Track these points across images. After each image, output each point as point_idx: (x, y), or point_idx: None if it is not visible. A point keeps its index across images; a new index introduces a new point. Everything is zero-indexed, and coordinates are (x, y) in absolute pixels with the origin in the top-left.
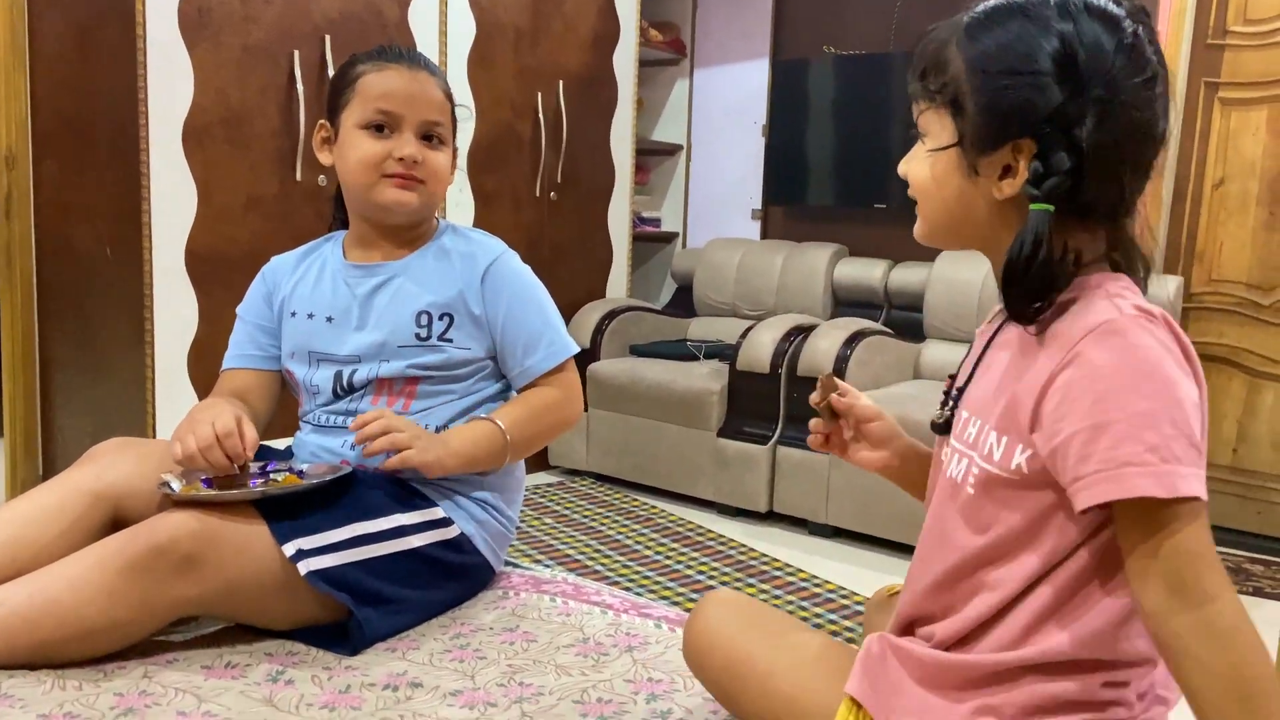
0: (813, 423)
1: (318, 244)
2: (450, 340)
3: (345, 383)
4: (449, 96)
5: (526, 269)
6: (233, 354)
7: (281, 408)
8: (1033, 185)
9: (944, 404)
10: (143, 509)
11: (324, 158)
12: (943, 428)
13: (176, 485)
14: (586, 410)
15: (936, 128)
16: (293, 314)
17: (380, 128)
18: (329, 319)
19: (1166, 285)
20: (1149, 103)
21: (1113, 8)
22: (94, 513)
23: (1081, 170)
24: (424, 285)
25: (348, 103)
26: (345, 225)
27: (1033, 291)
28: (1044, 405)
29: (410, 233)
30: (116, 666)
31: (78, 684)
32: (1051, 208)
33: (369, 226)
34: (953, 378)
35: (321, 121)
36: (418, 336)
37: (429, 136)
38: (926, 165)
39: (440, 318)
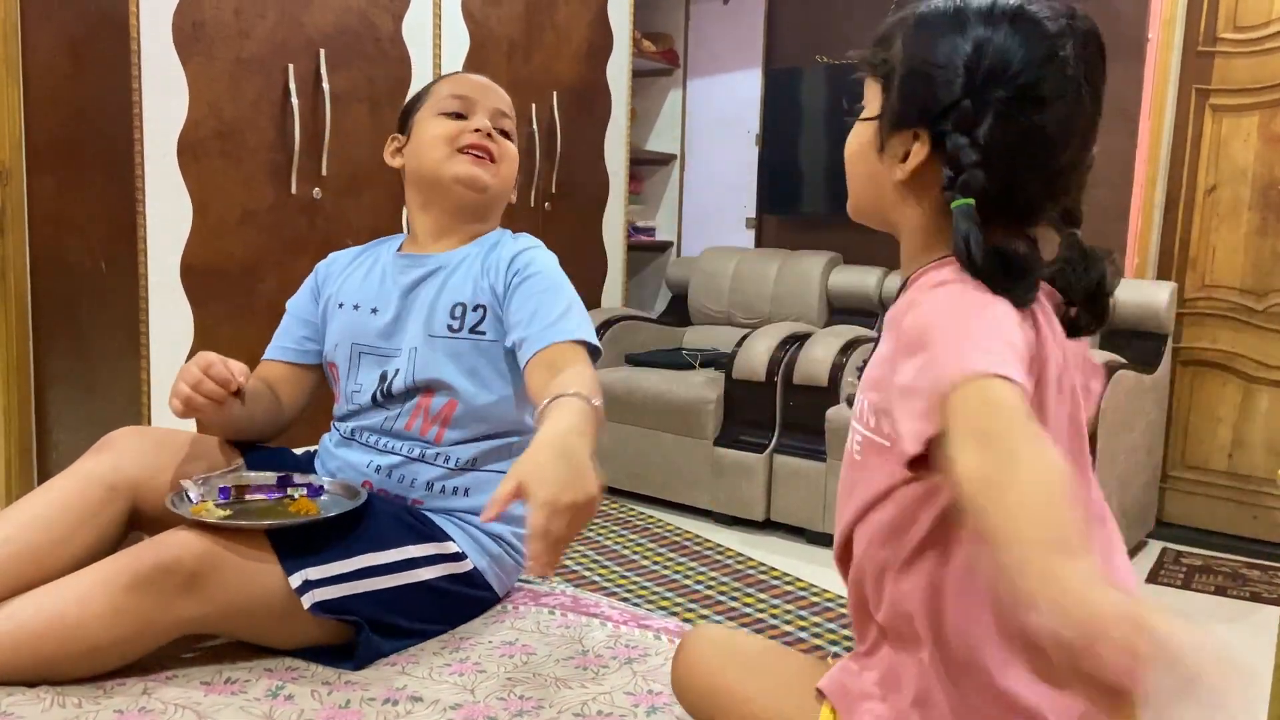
0: None
1: (377, 242)
2: (483, 333)
3: (387, 387)
4: (513, 109)
5: (554, 262)
6: (273, 345)
7: (306, 419)
8: (950, 179)
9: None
10: (159, 501)
11: (394, 160)
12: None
13: (195, 494)
14: None
15: (870, 99)
16: (340, 305)
17: (456, 115)
18: (374, 310)
19: (1160, 291)
20: (1057, 118)
21: (1046, 24)
22: (111, 505)
23: (988, 169)
24: (465, 278)
25: (421, 105)
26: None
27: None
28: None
29: (472, 223)
30: (116, 683)
31: (77, 701)
32: (971, 201)
33: (432, 217)
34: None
35: (393, 135)
36: (450, 328)
37: (499, 130)
38: (851, 139)
39: (475, 309)
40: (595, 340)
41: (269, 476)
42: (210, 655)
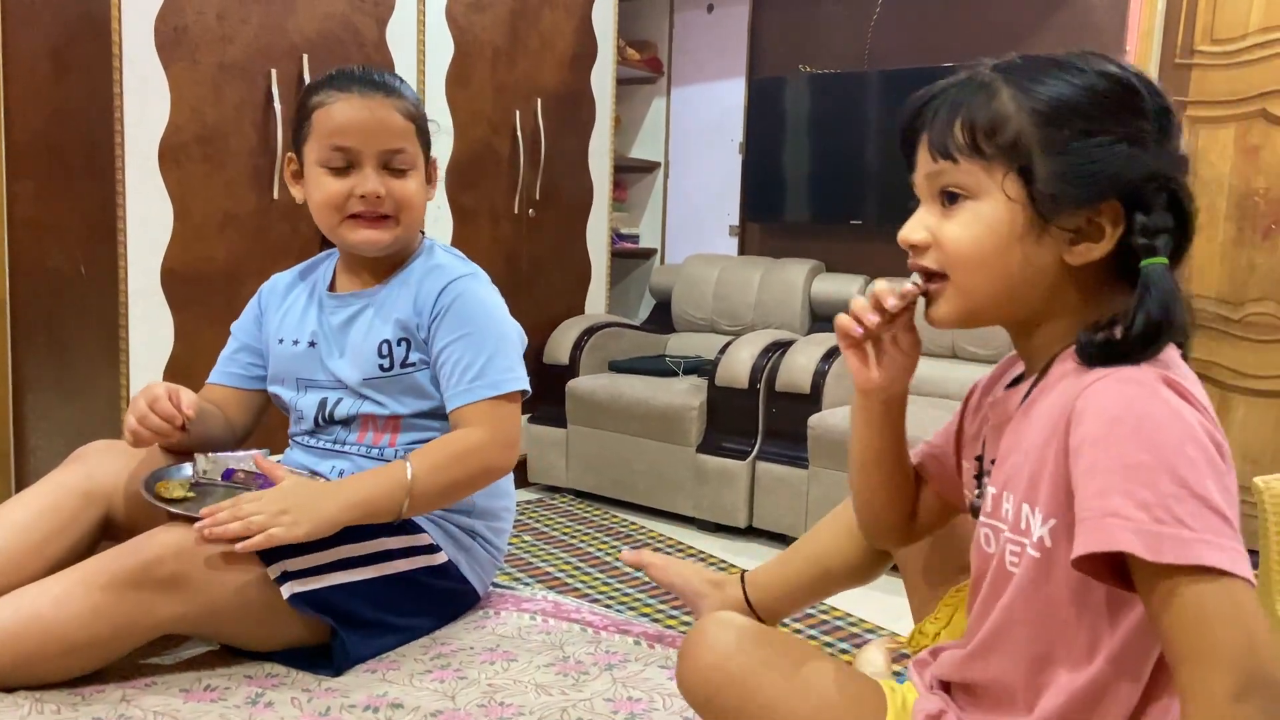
0: (862, 307)
1: (314, 263)
2: (413, 364)
3: (328, 413)
4: (413, 114)
5: (488, 296)
6: (217, 369)
7: (275, 427)
8: (1145, 240)
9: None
10: (132, 510)
11: (297, 193)
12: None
13: (199, 468)
14: (565, 426)
15: (983, 185)
16: (280, 340)
17: (342, 168)
18: (311, 344)
19: None
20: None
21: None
22: (85, 513)
23: (1184, 226)
24: (388, 314)
25: (307, 137)
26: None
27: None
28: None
29: (391, 260)
30: (95, 690)
31: (55, 708)
32: (1166, 261)
33: (344, 258)
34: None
35: (289, 154)
36: (381, 368)
37: (393, 171)
38: (971, 230)
39: (399, 343)
40: (510, 385)
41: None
42: (190, 663)
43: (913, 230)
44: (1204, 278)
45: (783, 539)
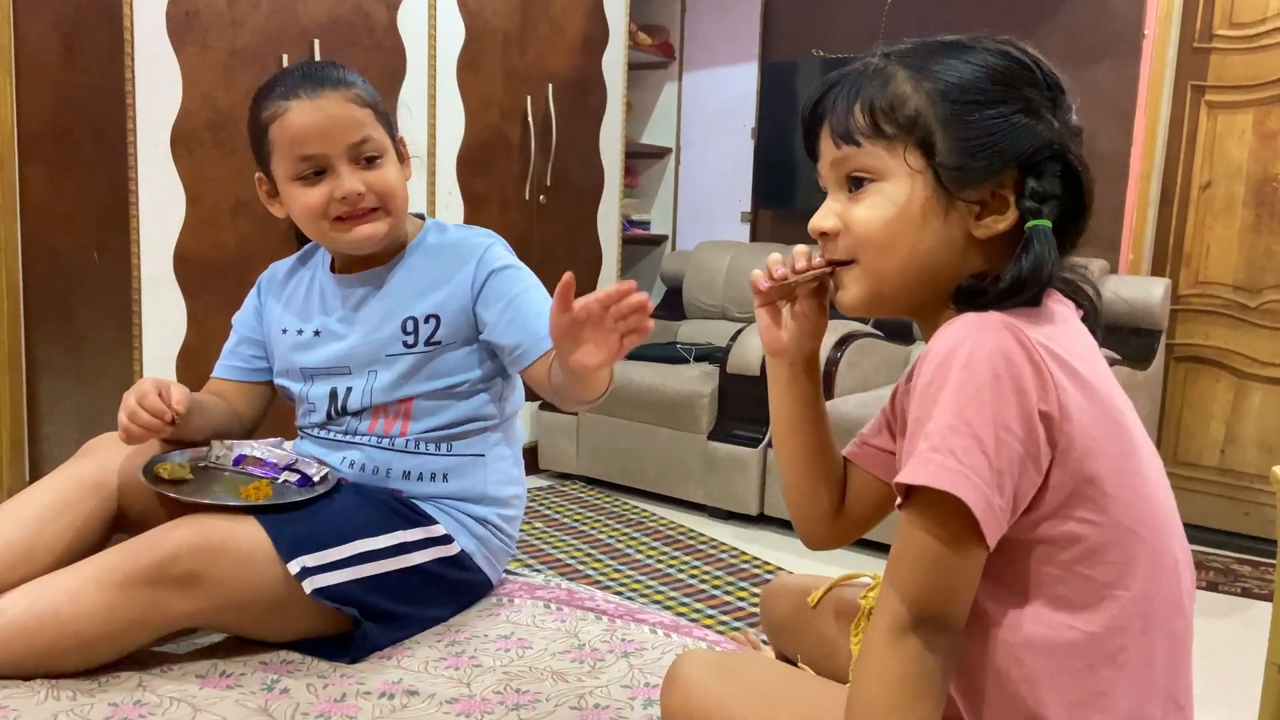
0: (774, 260)
1: (315, 247)
2: (439, 343)
3: (340, 405)
4: (367, 99)
5: (513, 256)
6: (221, 363)
7: (285, 416)
8: (1031, 205)
9: None
10: (142, 503)
11: (277, 210)
12: None
13: (215, 454)
14: (576, 413)
15: (886, 167)
16: (283, 331)
17: (314, 174)
18: (316, 333)
19: (1154, 288)
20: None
21: (1022, 48)
22: (97, 506)
23: (1079, 195)
24: (410, 291)
25: (270, 154)
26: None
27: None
28: None
29: (390, 247)
30: (111, 676)
31: (72, 694)
32: (1048, 224)
33: (342, 256)
34: None
35: (258, 175)
36: (405, 344)
37: (366, 159)
38: (879, 210)
39: (426, 320)
40: None
41: (285, 456)
42: (206, 650)
43: (822, 218)
44: (1221, 265)
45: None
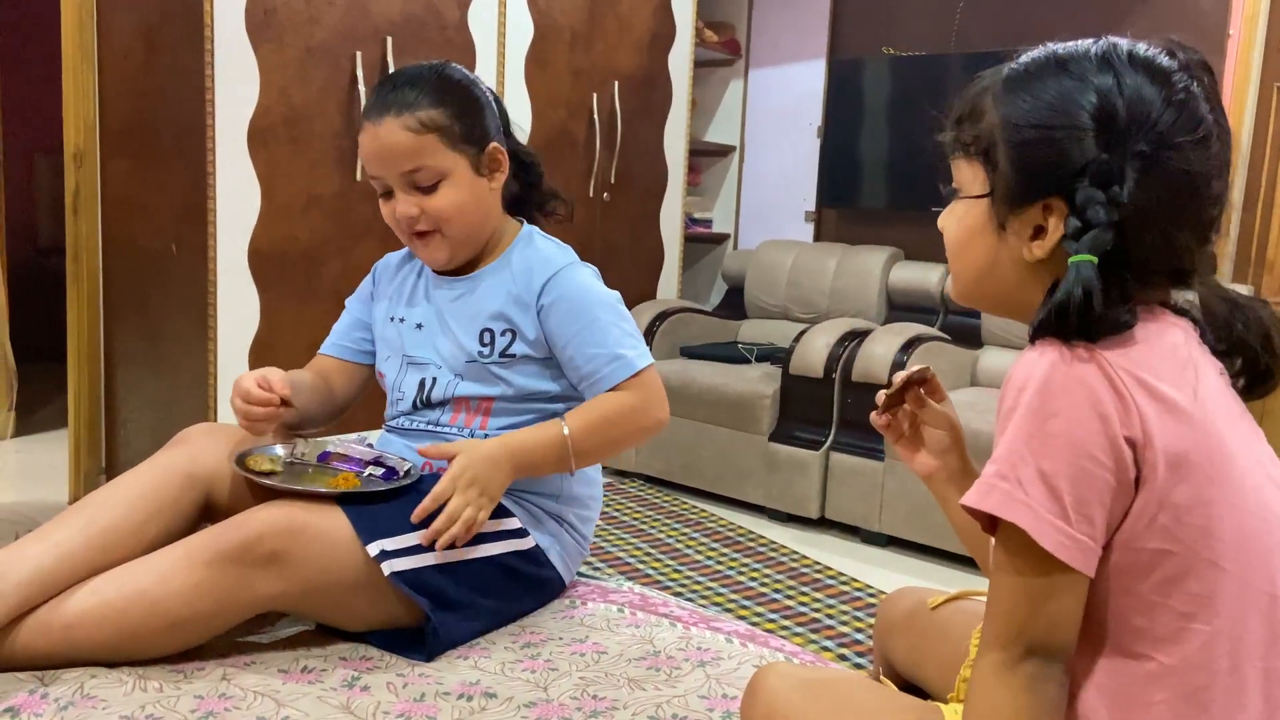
0: (880, 395)
1: None
2: (513, 355)
3: (425, 396)
4: (430, 122)
5: (589, 281)
6: (330, 340)
7: (368, 407)
8: (1072, 239)
9: None
10: (231, 493)
11: None
12: None
13: (298, 450)
14: None
15: (968, 179)
16: (391, 319)
17: (383, 190)
18: (418, 325)
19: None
20: (1202, 160)
21: (1162, 60)
22: (187, 494)
23: (1123, 227)
24: (491, 303)
25: None
26: None
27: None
28: None
29: (485, 247)
30: (195, 668)
31: (158, 685)
32: (1094, 259)
33: None
34: None
35: None
36: (482, 355)
37: (421, 188)
38: (950, 220)
39: (503, 334)
40: (639, 363)
41: (370, 452)
42: (286, 643)
43: (940, 219)
44: None
45: (856, 531)
